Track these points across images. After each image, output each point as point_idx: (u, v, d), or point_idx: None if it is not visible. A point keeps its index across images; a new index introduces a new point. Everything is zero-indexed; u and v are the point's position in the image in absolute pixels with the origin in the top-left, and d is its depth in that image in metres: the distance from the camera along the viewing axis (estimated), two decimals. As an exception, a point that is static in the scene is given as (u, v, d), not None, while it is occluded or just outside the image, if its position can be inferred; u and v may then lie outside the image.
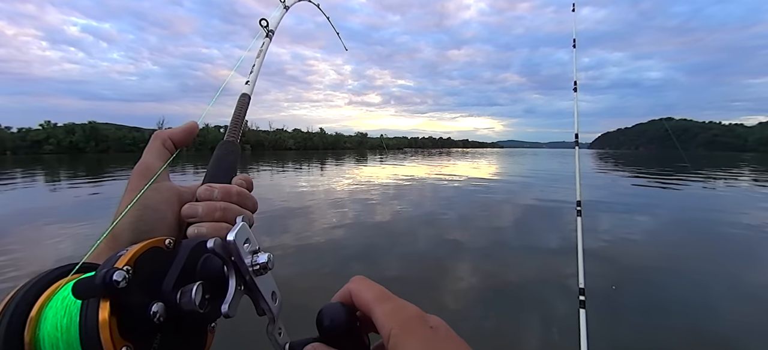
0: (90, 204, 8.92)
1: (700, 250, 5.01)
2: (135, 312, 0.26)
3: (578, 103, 1.88)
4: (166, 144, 0.43)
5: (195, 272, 0.30)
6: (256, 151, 71.44)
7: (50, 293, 0.27)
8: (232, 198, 0.41)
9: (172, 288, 0.28)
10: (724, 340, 2.70)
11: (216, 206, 0.39)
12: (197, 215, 0.39)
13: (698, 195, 10.87)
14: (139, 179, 0.38)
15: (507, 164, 27.31)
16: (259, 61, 0.66)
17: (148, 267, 0.28)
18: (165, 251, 0.30)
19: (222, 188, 0.41)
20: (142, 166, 0.39)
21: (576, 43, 1.89)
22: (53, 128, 55.98)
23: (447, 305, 3.26)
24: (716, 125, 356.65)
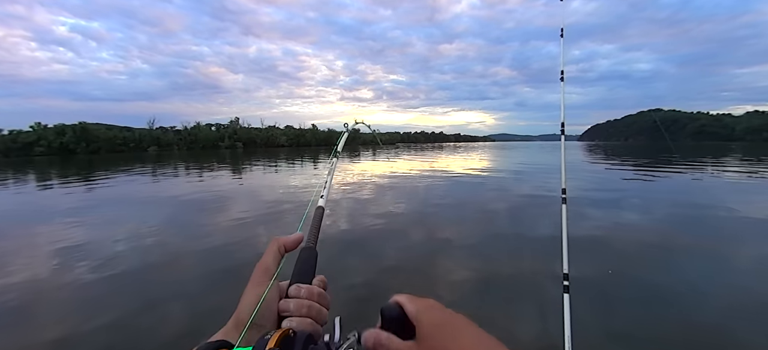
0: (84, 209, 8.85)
1: (687, 238, 5.15)
2: None
3: (568, 95, 1.94)
4: (280, 250, 0.55)
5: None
6: (248, 148, 70.96)
7: None
8: (314, 298, 0.53)
9: None
10: (711, 325, 2.81)
11: (303, 304, 0.51)
12: (289, 311, 0.50)
13: (686, 185, 11.10)
14: (260, 277, 0.51)
15: (499, 158, 27.50)
16: (329, 178, 0.86)
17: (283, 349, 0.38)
18: (290, 339, 0.41)
19: (307, 289, 0.53)
20: (263, 267, 0.53)
21: (564, 32, 1.94)
22: (44, 129, 55.11)
23: (442, 293, 3.34)
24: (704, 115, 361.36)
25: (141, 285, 3.75)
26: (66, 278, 3.96)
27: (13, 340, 2.79)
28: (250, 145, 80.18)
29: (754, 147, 54.82)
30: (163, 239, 5.43)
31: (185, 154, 48.92)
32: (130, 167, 21.30)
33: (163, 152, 58.65)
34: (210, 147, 69.53)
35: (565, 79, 2.01)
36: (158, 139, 67.61)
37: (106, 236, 5.65)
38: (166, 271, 4.18)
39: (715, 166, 16.96)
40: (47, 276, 4.02)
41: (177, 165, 23.47)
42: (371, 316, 0.46)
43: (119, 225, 6.33)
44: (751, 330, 2.69)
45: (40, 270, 4.18)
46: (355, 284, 3.57)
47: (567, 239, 1.59)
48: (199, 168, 20.11)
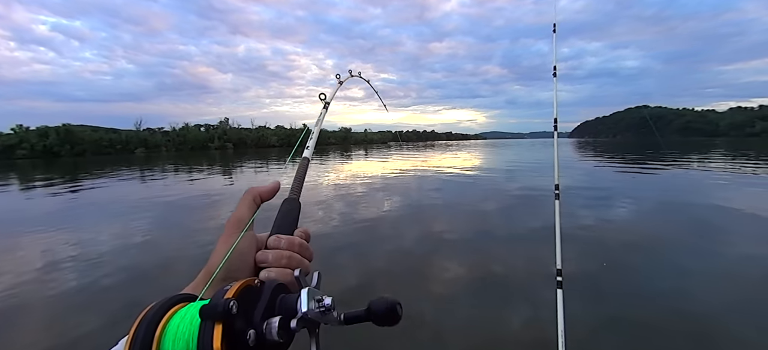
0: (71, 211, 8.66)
1: (676, 230, 5.24)
2: (238, 336, 0.33)
3: (558, 93, 1.94)
4: (255, 200, 0.52)
5: (275, 307, 0.38)
6: (238, 149, 70.26)
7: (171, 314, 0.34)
8: (294, 248, 0.50)
9: (260, 319, 0.35)
10: (701, 314, 2.86)
11: (282, 255, 0.49)
12: (267, 262, 0.48)
13: (674, 179, 11.30)
14: (233, 228, 0.48)
15: (491, 156, 27.68)
16: (316, 129, 0.79)
17: (244, 300, 0.35)
18: (255, 289, 0.38)
19: (287, 239, 0.51)
20: (235, 217, 0.49)
21: (556, 27, 1.94)
22: (26, 131, 53.77)
23: (437, 290, 3.34)
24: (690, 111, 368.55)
25: (129, 292, 3.67)
26: (50, 285, 3.86)
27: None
28: (240, 145, 79.38)
29: (737, 142, 56.12)
30: (153, 243, 5.34)
31: (174, 155, 48.19)
32: (117, 170, 20.92)
33: (151, 153, 57.68)
34: (199, 148, 68.62)
35: (559, 76, 2.01)
36: (146, 140, 66.50)
37: (93, 240, 5.53)
38: (157, 275, 4.10)
39: (703, 162, 17.29)
40: (30, 282, 3.91)
41: (165, 167, 23.12)
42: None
43: (107, 229, 6.20)
44: (740, 321, 2.74)
45: (23, 277, 4.07)
46: (350, 286, 3.55)
47: (560, 235, 1.59)
48: (188, 170, 19.84)
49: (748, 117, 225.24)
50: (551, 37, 2.12)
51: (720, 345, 2.47)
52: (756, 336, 2.57)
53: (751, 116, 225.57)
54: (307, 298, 0.38)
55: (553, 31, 1.96)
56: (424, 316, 2.92)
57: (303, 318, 0.37)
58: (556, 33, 1.95)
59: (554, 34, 1.95)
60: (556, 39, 1.93)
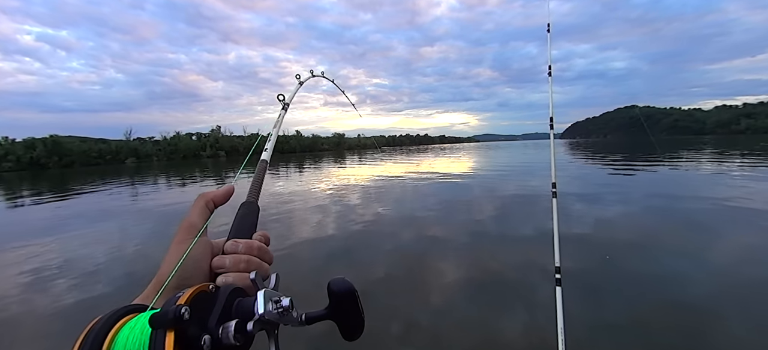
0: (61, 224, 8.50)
1: (672, 228, 5.30)
2: (191, 343, 0.32)
3: (549, 95, 1.96)
4: (208, 205, 0.51)
5: (232, 312, 0.37)
6: (231, 157, 69.74)
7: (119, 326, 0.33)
8: (253, 252, 0.49)
9: (216, 324, 0.35)
10: (700, 310, 2.88)
11: (240, 259, 0.47)
12: (225, 267, 0.47)
13: (667, 177, 11.46)
14: (184, 234, 0.46)
15: (485, 158, 27.81)
16: (275, 131, 0.77)
17: (198, 306, 0.34)
18: (209, 294, 0.37)
19: (245, 244, 0.49)
20: (188, 223, 0.48)
21: (550, 27, 1.96)
22: (11, 144, 52.82)
23: (436, 291, 3.33)
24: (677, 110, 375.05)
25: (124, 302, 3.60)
26: (40, 299, 3.77)
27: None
28: (232, 153, 78.75)
29: (724, 140, 57.17)
30: (144, 253, 5.25)
31: (165, 165, 47.68)
32: (107, 181, 20.62)
33: (141, 163, 56.98)
34: (191, 157, 67.92)
35: (546, 79, 2.03)
36: (136, 150, 65.64)
37: (84, 253, 5.43)
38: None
39: (698, 160, 17.56)
40: (17, 297, 3.82)
41: (157, 177, 22.85)
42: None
43: (98, 241, 6.09)
44: (739, 315, 2.77)
45: (9, 292, 3.97)
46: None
47: (558, 233, 1.60)
48: (180, 179, 19.63)
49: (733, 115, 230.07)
50: (544, 38, 2.14)
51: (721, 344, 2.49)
52: (753, 333, 2.60)
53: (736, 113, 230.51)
54: (263, 300, 0.37)
55: (547, 31, 1.98)
56: (422, 317, 2.91)
57: (260, 320, 0.36)
58: (550, 33, 1.96)
59: (548, 34, 1.97)
60: (550, 39, 1.94)
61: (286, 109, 0.84)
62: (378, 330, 2.73)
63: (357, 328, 0.46)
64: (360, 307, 0.45)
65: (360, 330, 0.46)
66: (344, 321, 0.45)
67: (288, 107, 0.86)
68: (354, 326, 0.46)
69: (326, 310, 0.44)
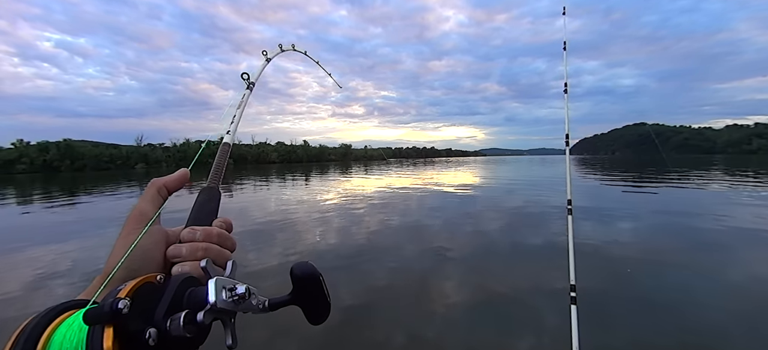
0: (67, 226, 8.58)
1: (686, 248, 5.20)
2: (133, 337, 0.30)
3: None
4: (160, 192, 0.48)
5: (182, 302, 0.35)
6: (238, 165, 70.36)
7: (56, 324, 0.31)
8: (212, 239, 0.46)
9: (163, 316, 0.33)
10: (713, 333, 2.80)
11: (198, 247, 0.44)
12: (181, 256, 0.43)
13: (678, 196, 11.28)
14: (134, 224, 0.43)
15: (492, 172, 27.67)
16: (239, 111, 0.71)
17: (143, 299, 0.32)
18: (157, 286, 0.35)
19: (203, 231, 0.46)
20: (138, 211, 0.44)
21: (566, 44, 1.96)
22: (26, 146, 53.95)
23: (443, 308, 3.28)
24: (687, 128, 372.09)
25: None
26: (45, 300, 3.79)
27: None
28: (240, 161, 79.50)
29: (736, 159, 56.32)
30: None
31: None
32: (117, 185, 20.87)
33: (151, 169, 57.78)
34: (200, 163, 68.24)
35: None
36: (146, 156, 66.62)
37: (92, 256, 5.46)
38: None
39: (713, 179, 17.30)
40: (24, 297, 3.85)
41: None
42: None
43: (104, 244, 6.13)
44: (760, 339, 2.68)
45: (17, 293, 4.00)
46: (350, 306, 3.48)
47: (573, 250, 1.57)
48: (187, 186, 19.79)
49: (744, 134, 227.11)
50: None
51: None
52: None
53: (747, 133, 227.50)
54: (215, 288, 0.35)
55: (563, 49, 1.98)
56: (426, 334, 2.86)
57: (212, 309, 0.34)
58: (566, 50, 1.96)
59: (565, 51, 1.97)
60: (566, 56, 1.94)
61: (251, 89, 0.77)
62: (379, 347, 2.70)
63: (323, 312, 0.45)
64: (325, 291, 0.44)
65: (326, 314, 0.45)
66: (309, 305, 0.44)
67: (253, 86, 0.78)
68: (320, 310, 0.45)
69: (290, 295, 0.43)
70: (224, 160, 0.60)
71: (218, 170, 0.58)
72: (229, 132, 0.66)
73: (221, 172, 0.58)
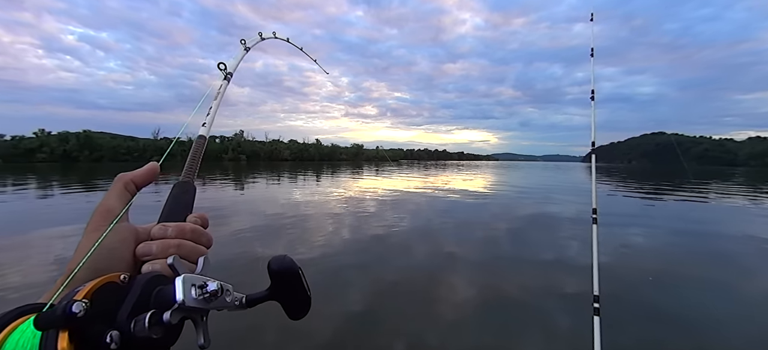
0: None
1: (707, 263, 5.03)
2: (92, 341, 0.28)
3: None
4: (128, 187, 0.44)
5: (150, 302, 0.33)
6: (251, 161, 71.22)
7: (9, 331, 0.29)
8: (186, 235, 0.44)
9: (127, 317, 0.31)
10: None
11: (170, 244, 0.41)
12: (151, 254, 0.41)
13: (699, 208, 10.97)
14: (100, 221, 0.40)
15: (507, 177, 27.37)
16: (216, 103, 0.68)
17: (105, 300, 0.31)
18: (120, 286, 0.33)
19: (175, 227, 0.44)
20: (103, 208, 0.41)
21: (594, 52, 1.91)
22: (47, 136, 55.57)
23: (450, 314, 3.23)
24: (707, 139, 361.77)
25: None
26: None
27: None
28: (253, 158, 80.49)
29: (759, 173, 54.57)
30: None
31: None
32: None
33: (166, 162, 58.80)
34: (213, 159, 69.79)
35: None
36: (162, 149, 67.15)
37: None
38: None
39: (735, 192, 16.79)
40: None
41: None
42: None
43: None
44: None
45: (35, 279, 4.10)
46: (356, 311, 3.46)
47: (598, 259, 1.52)
48: (201, 179, 20.09)
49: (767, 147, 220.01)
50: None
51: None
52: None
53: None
54: (183, 286, 0.33)
55: (591, 56, 1.92)
56: (435, 342, 2.82)
57: (180, 308, 0.32)
58: (593, 57, 1.91)
59: (592, 58, 1.91)
60: (594, 63, 1.89)
61: (228, 79, 0.75)
62: None
63: (303, 307, 0.44)
64: (305, 285, 0.43)
65: (306, 309, 0.44)
66: (288, 300, 0.43)
67: (231, 76, 0.75)
68: (299, 305, 0.43)
69: (268, 291, 0.41)
70: (200, 153, 0.58)
71: (193, 163, 0.56)
72: (205, 124, 0.63)
73: (196, 165, 0.56)
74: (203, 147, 0.59)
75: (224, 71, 0.74)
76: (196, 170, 0.55)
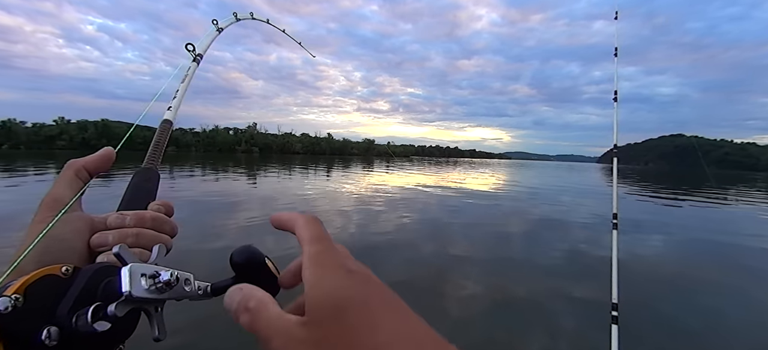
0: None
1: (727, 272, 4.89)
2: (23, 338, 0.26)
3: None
4: (79, 174, 0.41)
5: (96, 295, 0.31)
6: (263, 154, 71.97)
7: None
8: (145, 224, 0.40)
9: (68, 312, 0.29)
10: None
11: (127, 233, 0.39)
12: (107, 244, 0.38)
13: (722, 215, 10.66)
14: (47, 211, 0.37)
15: (521, 177, 27.05)
16: (183, 86, 0.63)
17: (43, 294, 0.28)
18: (62, 279, 0.31)
19: (134, 215, 0.41)
20: (51, 197, 0.38)
21: (618, 51, 1.84)
22: (66, 124, 57.06)
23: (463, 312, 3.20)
24: (728, 143, 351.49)
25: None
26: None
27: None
28: (265, 150, 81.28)
29: (781, 179, 52.80)
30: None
31: (202, 156, 49.99)
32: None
33: (180, 152, 59.84)
34: (226, 150, 70.75)
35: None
36: (177, 140, 69.11)
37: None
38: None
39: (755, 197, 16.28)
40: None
41: (193, 167, 23.86)
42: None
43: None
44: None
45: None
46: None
47: (617, 267, 1.47)
48: (214, 170, 20.38)
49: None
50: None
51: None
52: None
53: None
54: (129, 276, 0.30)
55: (615, 56, 1.86)
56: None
57: (127, 300, 0.30)
58: (617, 57, 1.84)
59: (616, 58, 1.85)
60: (617, 63, 1.82)
61: (198, 61, 0.69)
62: None
63: (272, 289, 0.39)
64: (271, 269, 0.38)
65: (275, 291, 0.39)
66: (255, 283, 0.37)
67: (201, 58, 0.69)
68: (268, 288, 0.37)
69: (233, 279, 0.38)
70: (165, 138, 0.55)
71: (157, 148, 0.53)
72: (171, 108, 0.59)
73: (160, 151, 0.53)
74: (168, 132, 0.55)
75: (193, 53, 0.68)
76: (160, 157, 0.52)
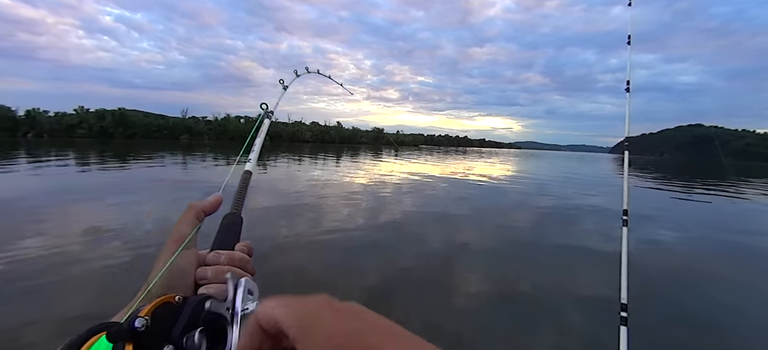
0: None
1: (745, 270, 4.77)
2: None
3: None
4: (198, 215, 0.51)
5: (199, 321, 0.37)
6: (273, 142, 72.39)
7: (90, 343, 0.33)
8: (235, 263, 0.50)
9: (179, 334, 0.35)
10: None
11: (222, 270, 0.47)
12: (207, 278, 0.47)
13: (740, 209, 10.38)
14: (175, 245, 0.47)
15: (535, 167, 26.70)
16: (259, 141, 0.77)
17: (163, 318, 0.35)
18: (175, 306, 0.38)
19: (227, 255, 0.50)
20: (177, 234, 0.48)
21: (631, 39, 1.76)
22: (86, 113, 58.14)
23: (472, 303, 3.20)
24: (750, 133, 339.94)
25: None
26: (102, 252, 4.06)
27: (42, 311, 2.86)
28: (275, 138, 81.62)
29: (805, 171, 50.95)
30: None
31: (215, 143, 50.63)
32: (164, 153, 22.10)
33: (193, 140, 60.65)
34: (238, 138, 71.32)
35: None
36: (190, 128, 69.88)
37: (137, 217, 5.81)
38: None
39: None
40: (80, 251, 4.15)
41: (206, 154, 24.18)
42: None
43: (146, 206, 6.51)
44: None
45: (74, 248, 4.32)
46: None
47: (627, 265, 1.43)
48: (225, 159, 20.61)
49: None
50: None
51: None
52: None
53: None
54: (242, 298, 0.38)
55: (628, 43, 1.78)
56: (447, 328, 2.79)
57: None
58: (630, 45, 1.76)
59: (629, 46, 1.77)
60: (630, 52, 1.74)
61: (269, 117, 0.83)
62: None
63: None
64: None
65: None
66: None
67: (272, 114, 0.84)
68: None
69: None
70: (245, 187, 0.64)
71: (240, 196, 0.61)
72: (250, 160, 0.70)
73: (243, 198, 0.61)
74: (248, 181, 0.65)
75: (266, 111, 0.83)
76: (243, 203, 0.61)
